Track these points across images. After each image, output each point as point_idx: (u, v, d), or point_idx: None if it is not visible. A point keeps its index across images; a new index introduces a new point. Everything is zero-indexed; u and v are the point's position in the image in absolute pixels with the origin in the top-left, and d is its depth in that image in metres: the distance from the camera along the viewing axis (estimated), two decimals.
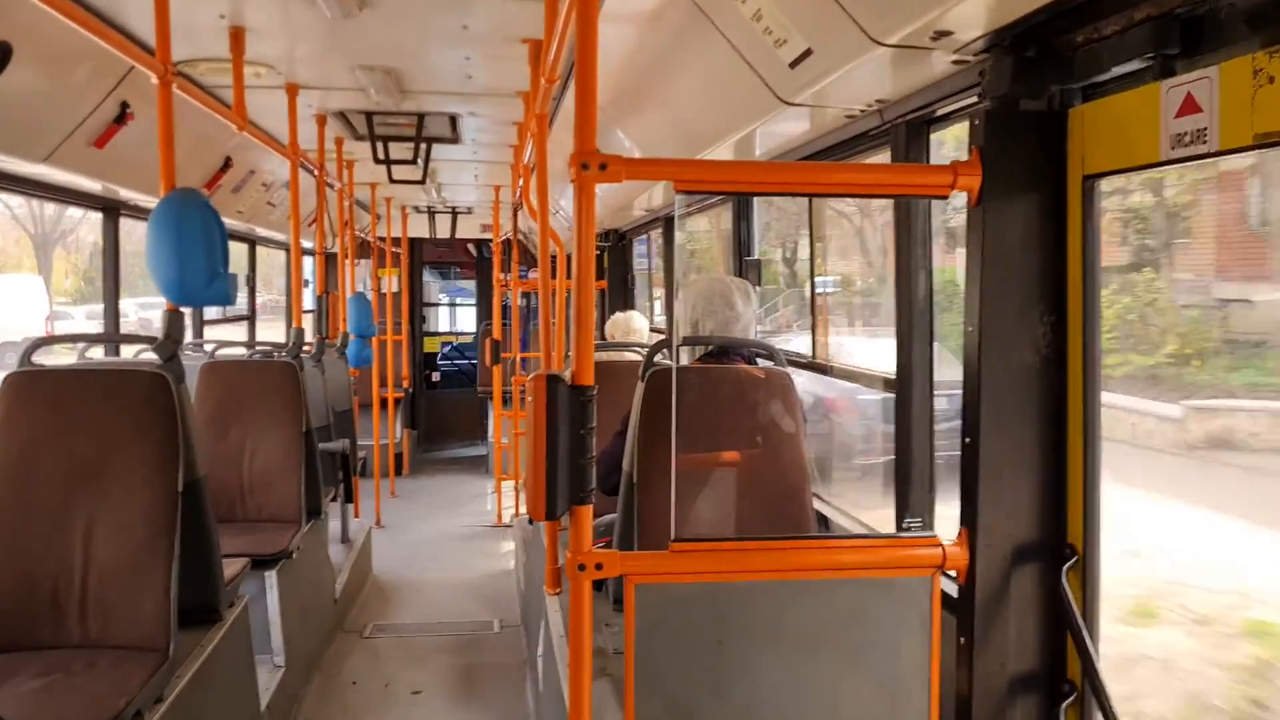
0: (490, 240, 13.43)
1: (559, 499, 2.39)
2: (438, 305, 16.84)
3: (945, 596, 2.62)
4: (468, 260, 16.37)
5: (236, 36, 4.80)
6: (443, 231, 13.83)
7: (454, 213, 13.11)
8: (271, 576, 5.30)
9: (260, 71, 5.48)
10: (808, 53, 2.99)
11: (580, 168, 2.31)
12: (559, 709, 4.00)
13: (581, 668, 2.45)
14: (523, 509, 9.36)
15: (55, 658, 3.50)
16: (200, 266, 3.72)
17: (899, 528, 3.61)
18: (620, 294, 9.91)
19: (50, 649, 3.58)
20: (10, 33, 3.87)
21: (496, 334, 10.36)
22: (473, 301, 16.46)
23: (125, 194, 6.12)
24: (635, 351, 6.32)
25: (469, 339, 16.05)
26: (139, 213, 6.61)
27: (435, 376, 15.97)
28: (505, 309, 11.22)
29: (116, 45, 3.76)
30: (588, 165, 2.32)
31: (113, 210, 6.42)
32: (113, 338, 6.25)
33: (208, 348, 7.12)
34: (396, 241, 12.73)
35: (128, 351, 6.73)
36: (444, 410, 15.77)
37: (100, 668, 3.42)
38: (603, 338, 6.62)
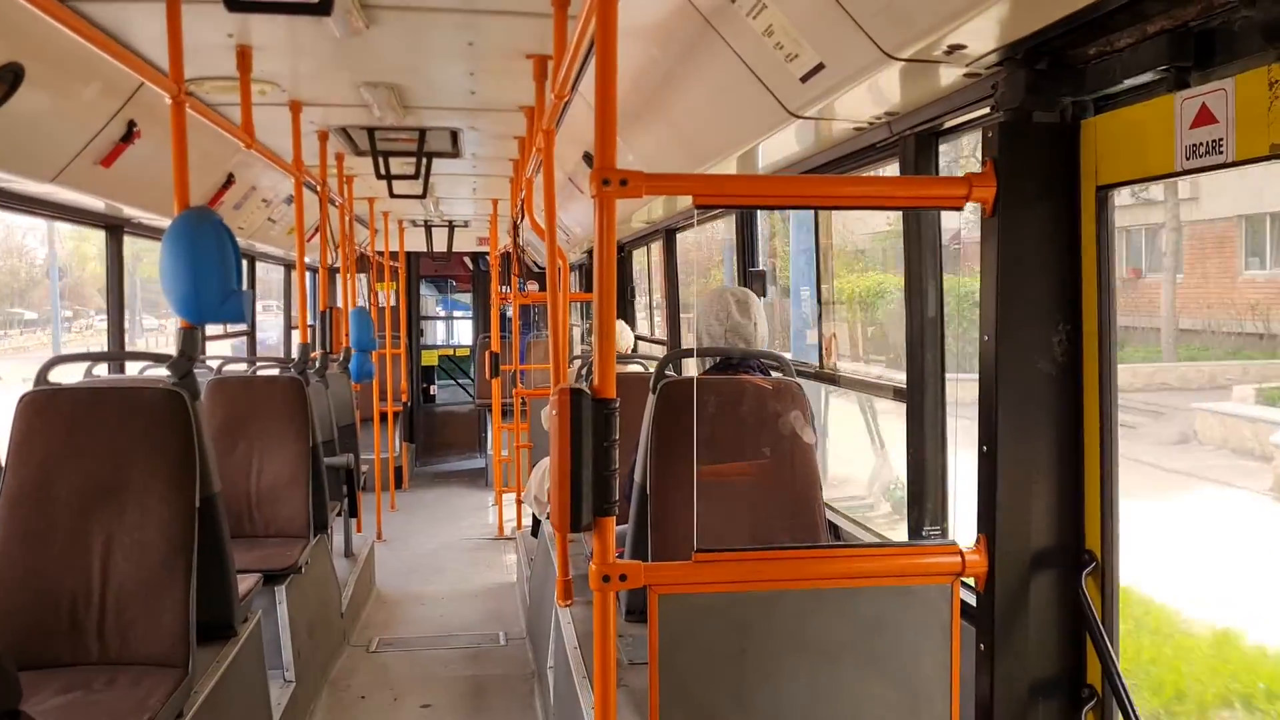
0: (487, 253, 13.44)
1: (583, 511, 2.41)
2: (435, 319, 16.85)
3: (964, 603, 2.65)
4: (464, 274, 16.40)
5: (244, 55, 4.82)
6: (439, 245, 13.85)
7: (451, 226, 13.13)
8: (281, 591, 5.31)
9: (265, 89, 5.50)
10: (819, 67, 3.02)
11: (601, 184, 2.34)
12: None
13: (607, 678, 2.47)
14: (525, 521, 9.38)
15: (75, 675, 3.51)
16: (214, 284, 3.74)
17: (912, 536, 3.63)
18: (620, 306, 9.94)
19: (70, 666, 3.59)
20: (22, 53, 3.90)
21: (495, 347, 10.38)
22: (469, 314, 16.47)
23: (129, 212, 6.13)
24: (639, 363, 6.35)
25: (466, 352, 16.06)
26: (142, 230, 6.64)
27: (433, 390, 15.98)
28: (503, 321, 11.23)
29: (129, 65, 3.79)
30: (608, 182, 2.34)
31: (116, 228, 6.44)
32: (127, 355, 6.27)
33: (212, 363, 7.13)
34: (394, 255, 12.76)
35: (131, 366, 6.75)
36: (441, 424, 15.79)
37: (120, 685, 3.44)
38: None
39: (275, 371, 6.87)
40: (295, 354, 6.70)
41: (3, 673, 2.14)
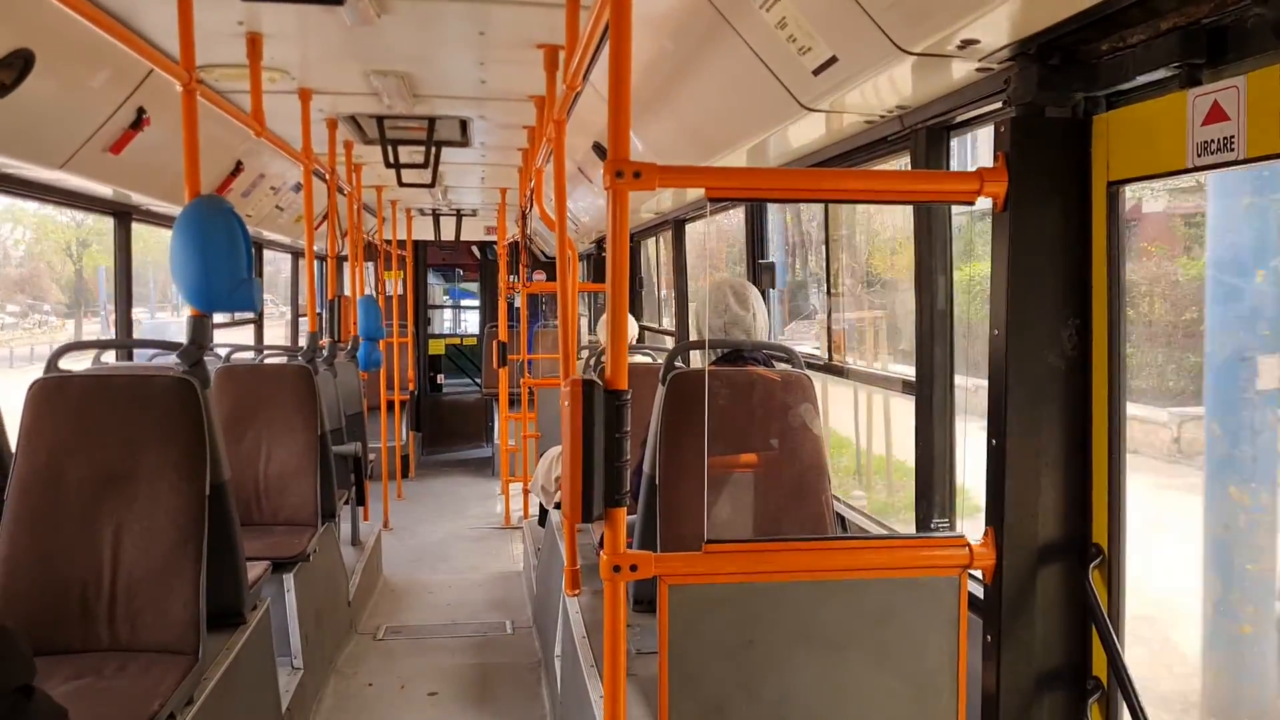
0: (494, 242, 13.45)
1: (595, 501, 2.43)
2: (442, 307, 16.86)
3: (971, 596, 2.67)
4: (471, 263, 16.40)
5: (254, 43, 4.83)
6: (447, 234, 13.85)
7: (458, 215, 13.13)
8: (289, 579, 5.33)
9: (275, 77, 5.51)
10: (832, 60, 3.03)
11: (615, 176, 2.34)
12: (579, 710, 4.04)
13: (617, 667, 2.48)
14: (532, 510, 9.41)
15: (86, 662, 3.53)
16: (225, 272, 3.74)
17: (919, 528, 3.64)
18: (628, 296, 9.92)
19: (80, 653, 3.60)
20: (32, 39, 3.90)
21: (503, 336, 10.40)
22: (477, 304, 16.49)
23: (137, 199, 6.15)
24: (644, 354, 6.37)
25: (473, 341, 16.08)
26: (150, 217, 6.65)
27: (440, 379, 16.01)
28: (510, 310, 11.25)
29: (140, 51, 3.79)
30: (622, 174, 2.34)
31: (124, 215, 6.45)
32: (136, 343, 6.29)
33: (220, 351, 7.15)
34: (401, 244, 12.76)
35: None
36: (448, 412, 15.81)
37: (131, 671, 3.45)
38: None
39: (284, 360, 6.88)
40: (303, 342, 6.71)
41: (15, 649, 2.16)
